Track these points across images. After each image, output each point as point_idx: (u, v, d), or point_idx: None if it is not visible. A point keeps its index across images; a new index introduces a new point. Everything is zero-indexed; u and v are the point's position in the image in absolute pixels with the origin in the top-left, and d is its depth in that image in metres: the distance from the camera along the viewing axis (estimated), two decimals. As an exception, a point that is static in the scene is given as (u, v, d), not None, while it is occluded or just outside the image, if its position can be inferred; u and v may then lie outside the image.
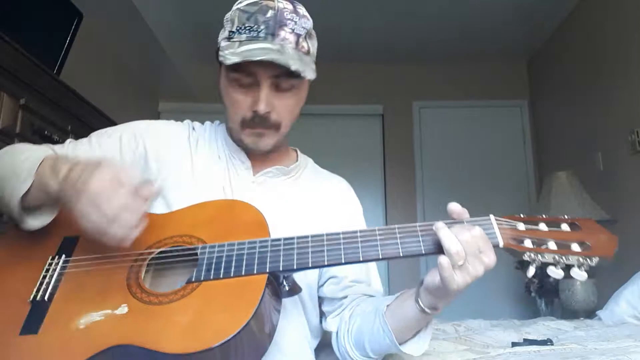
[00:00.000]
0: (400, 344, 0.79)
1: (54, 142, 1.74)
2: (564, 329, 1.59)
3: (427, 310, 0.74)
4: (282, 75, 0.85)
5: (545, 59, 3.69)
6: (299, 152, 1.07)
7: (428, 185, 3.82)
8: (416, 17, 3.34)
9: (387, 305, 0.80)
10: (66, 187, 0.72)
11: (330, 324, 0.93)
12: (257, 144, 0.91)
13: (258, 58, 0.81)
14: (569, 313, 2.42)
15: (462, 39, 3.61)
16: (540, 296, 2.84)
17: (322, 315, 0.96)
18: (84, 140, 0.96)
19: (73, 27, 2.09)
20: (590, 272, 0.69)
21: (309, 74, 0.87)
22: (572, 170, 2.78)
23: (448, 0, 3.16)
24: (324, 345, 0.96)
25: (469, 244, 0.67)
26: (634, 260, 2.35)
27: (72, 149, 0.94)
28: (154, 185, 0.77)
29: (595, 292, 2.39)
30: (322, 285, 0.94)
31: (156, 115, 3.89)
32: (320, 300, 0.96)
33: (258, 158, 0.97)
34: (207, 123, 1.05)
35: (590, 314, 2.29)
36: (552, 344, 1.21)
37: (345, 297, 0.92)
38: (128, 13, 2.66)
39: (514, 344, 1.24)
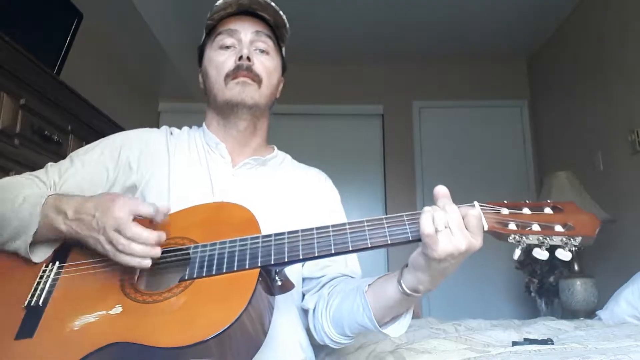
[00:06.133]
0: (379, 326, 0.80)
1: (54, 142, 1.76)
2: (565, 329, 1.59)
3: (408, 291, 0.75)
4: (261, 31, 1.00)
5: (545, 59, 3.69)
6: (276, 148, 1.11)
7: (428, 185, 3.81)
8: (416, 17, 3.34)
9: (369, 285, 0.82)
10: (78, 227, 0.77)
11: (308, 301, 0.95)
12: (242, 94, 0.96)
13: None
14: (569, 313, 2.42)
15: (462, 39, 3.61)
16: (540, 296, 2.84)
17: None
18: (65, 162, 0.98)
19: (73, 27, 2.09)
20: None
21: (282, 29, 1.03)
22: (572, 170, 2.78)
23: (448, 1, 3.16)
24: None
25: (455, 212, 0.70)
26: (634, 260, 2.35)
27: (57, 174, 0.95)
28: (163, 206, 0.79)
29: (595, 292, 2.39)
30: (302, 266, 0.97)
31: (156, 115, 3.89)
32: None
33: (237, 150, 1.02)
34: (185, 128, 1.09)
35: (590, 314, 2.29)
36: (553, 344, 1.21)
37: (323, 275, 0.95)
38: (128, 13, 2.66)
39: (514, 343, 1.24)
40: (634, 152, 2.53)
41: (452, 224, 0.69)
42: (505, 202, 0.75)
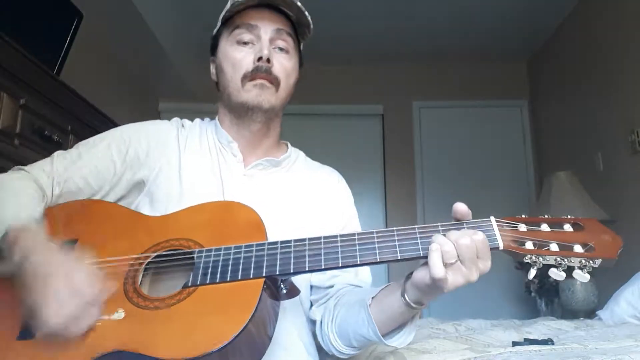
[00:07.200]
0: (384, 336, 0.79)
1: (54, 142, 1.75)
2: (565, 329, 1.59)
3: (412, 304, 0.74)
4: (282, 29, 0.95)
5: (545, 59, 3.69)
6: (289, 145, 1.08)
7: (428, 185, 3.82)
8: (416, 17, 3.34)
9: (372, 297, 0.80)
10: (22, 272, 0.69)
11: (315, 313, 0.93)
12: (259, 98, 0.92)
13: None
14: (569, 313, 2.41)
15: (462, 39, 3.61)
16: (540, 296, 2.83)
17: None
18: (73, 154, 0.94)
19: (73, 27, 2.08)
20: (592, 272, 0.67)
21: (304, 27, 0.99)
22: (572, 170, 2.78)
23: (448, 1, 3.16)
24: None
25: (469, 248, 0.66)
26: (634, 260, 2.35)
27: (63, 165, 0.91)
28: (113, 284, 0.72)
29: (595, 292, 2.39)
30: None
31: (156, 115, 3.89)
32: None
33: (249, 150, 0.98)
34: (197, 120, 1.05)
35: (590, 314, 2.29)
36: (553, 344, 1.21)
37: (332, 286, 0.94)
38: (128, 13, 2.66)
39: (514, 344, 1.24)
40: (634, 152, 2.52)
41: (464, 257, 0.66)
42: (523, 216, 0.72)
